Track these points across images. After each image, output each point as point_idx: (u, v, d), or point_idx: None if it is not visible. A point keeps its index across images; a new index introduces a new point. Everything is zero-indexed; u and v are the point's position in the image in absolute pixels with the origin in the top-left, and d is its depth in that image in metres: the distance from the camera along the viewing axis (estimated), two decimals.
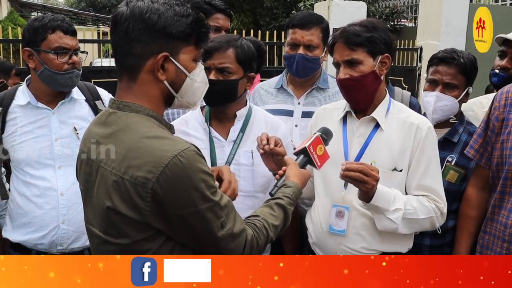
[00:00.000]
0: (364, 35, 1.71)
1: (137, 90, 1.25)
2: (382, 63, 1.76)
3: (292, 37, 2.31)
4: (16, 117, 1.98)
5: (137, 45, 1.20)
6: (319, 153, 1.62)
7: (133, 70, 1.23)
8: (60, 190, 1.96)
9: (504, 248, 1.84)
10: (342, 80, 1.75)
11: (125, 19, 1.20)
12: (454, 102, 2.11)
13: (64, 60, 1.92)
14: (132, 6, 1.21)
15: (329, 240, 1.82)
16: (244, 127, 1.90)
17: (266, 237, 1.34)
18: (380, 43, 1.73)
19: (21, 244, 1.98)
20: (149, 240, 1.19)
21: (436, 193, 1.77)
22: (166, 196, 1.14)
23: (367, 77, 1.73)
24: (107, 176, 1.20)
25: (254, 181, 1.86)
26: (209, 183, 1.19)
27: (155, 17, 1.19)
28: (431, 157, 1.77)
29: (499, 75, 2.29)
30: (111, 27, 1.24)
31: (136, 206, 1.15)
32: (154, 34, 1.20)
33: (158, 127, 1.23)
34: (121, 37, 1.21)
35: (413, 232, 1.81)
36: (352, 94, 1.78)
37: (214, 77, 1.80)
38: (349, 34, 1.72)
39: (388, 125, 1.80)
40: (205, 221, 1.19)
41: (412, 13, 9.69)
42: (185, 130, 1.89)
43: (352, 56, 1.72)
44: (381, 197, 1.65)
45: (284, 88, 2.40)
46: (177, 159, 1.13)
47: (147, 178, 1.13)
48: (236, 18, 10.32)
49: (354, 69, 1.73)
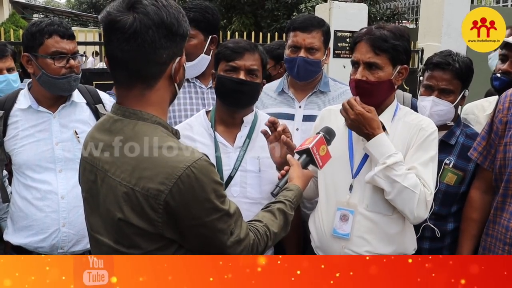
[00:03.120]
0: (390, 42, 1.69)
1: (152, 97, 1.21)
2: (399, 73, 1.75)
3: (293, 40, 2.30)
4: (18, 121, 1.98)
5: (163, 52, 1.16)
6: (322, 153, 1.62)
7: (153, 78, 1.19)
8: (60, 193, 1.97)
9: (505, 250, 1.84)
10: (358, 80, 1.72)
11: (147, 27, 1.12)
12: (450, 107, 2.10)
13: (62, 64, 1.92)
14: (146, 12, 1.13)
15: (332, 244, 1.81)
16: (251, 133, 1.90)
17: (266, 244, 1.34)
18: (402, 53, 1.72)
19: (22, 247, 1.98)
20: (162, 250, 1.18)
21: (426, 181, 1.71)
22: (179, 207, 1.13)
23: (383, 85, 1.72)
24: (116, 187, 1.17)
25: (261, 187, 1.85)
26: (220, 192, 1.19)
27: (175, 22, 1.17)
28: (428, 151, 1.74)
29: (500, 79, 2.27)
30: (123, 38, 1.13)
31: (148, 218, 1.14)
32: (175, 39, 1.18)
33: (167, 136, 1.21)
34: (145, 47, 1.13)
35: (396, 199, 1.70)
36: (363, 97, 1.75)
37: (244, 78, 1.81)
38: (376, 37, 1.70)
39: (393, 129, 1.79)
40: (216, 230, 1.19)
41: (413, 15, 9.69)
42: (190, 135, 1.88)
43: (374, 60, 1.70)
44: (376, 144, 1.69)
45: (285, 92, 2.40)
46: (189, 170, 1.12)
47: (159, 190, 1.11)
48: (237, 20, 10.34)
49: (373, 73, 1.71)
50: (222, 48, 1.87)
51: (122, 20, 1.12)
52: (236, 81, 1.81)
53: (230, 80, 1.81)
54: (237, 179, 1.85)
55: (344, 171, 1.81)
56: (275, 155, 1.75)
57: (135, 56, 1.15)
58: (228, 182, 1.83)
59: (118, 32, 1.13)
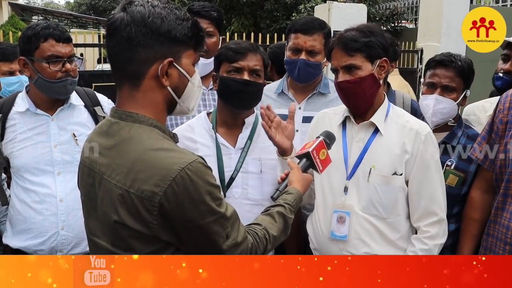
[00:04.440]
0: (361, 40, 1.70)
1: (140, 98, 1.21)
2: (380, 67, 1.75)
3: (294, 42, 2.30)
4: (16, 124, 1.98)
5: (141, 50, 1.17)
6: (322, 157, 1.62)
7: (136, 77, 1.20)
8: (59, 196, 1.96)
9: (506, 250, 1.84)
10: (340, 82, 1.74)
11: (126, 24, 1.16)
12: (453, 105, 2.10)
13: (57, 68, 1.91)
14: (131, 11, 1.17)
15: (331, 246, 1.81)
16: (252, 134, 1.89)
17: (265, 247, 1.34)
18: (377, 48, 1.72)
19: (21, 250, 1.97)
20: (158, 252, 1.17)
21: (435, 202, 1.77)
22: (173, 210, 1.12)
23: (365, 80, 1.72)
24: (111, 189, 1.17)
25: (262, 189, 1.85)
26: (216, 195, 1.18)
27: (159, 21, 1.17)
28: (430, 162, 1.76)
29: (502, 78, 2.27)
30: (108, 34, 1.20)
31: (144, 220, 1.13)
32: (158, 39, 1.18)
33: (163, 139, 1.20)
34: (122, 43, 1.17)
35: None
36: (350, 97, 1.77)
37: (248, 78, 1.80)
38: (346, 40, 1.71)
39: (387, 129, 1.79)
40: (211, 233, 1.18)
41: (412, 15, 9.69)
42: (191, 136, 1.87)
43: (350, 62, 1.72)
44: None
45: (285, 93, 2.39)
46: (184, 172, 1.11)
47: (154, 192, 1.11)
48: (237, 21, 10.34)
49: (353, 74, 1.72)
50: (223, 49, 1.85)
51: (111, 19, 1.19)
52: (240, 82, 1.79)
53: (235, 81, 1.80)
54: (239, 180, 1.84)
55: (339, 173, 1.81)
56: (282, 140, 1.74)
57: (115, 52, 1.20)
58: (230, 184, 1.83)
59: (106, 29, 1.22)
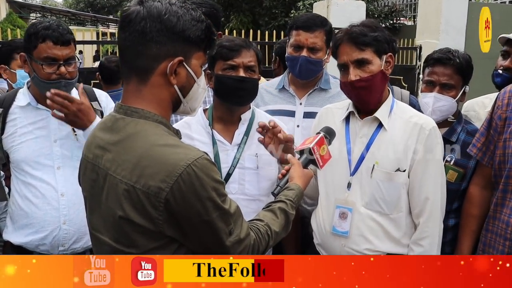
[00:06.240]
0: (371, 35, 1.71)
1: (146, 93, 1.21)
2: (387, 62, 1.76)
3: (296, 38, 2.29)
4: (16, 118, 1.98)
5: (153, 46, 1.17)
6: (322, 153, 1.62)
7: (145, 72, 1.20)
8: (60, 190, 1.96)
9: (506, 246, 1.84)
10: (354, 82, 1.72)
11: (141, 18, 1.15)
12: (452, 102, 2.11)
13: (51, 70, 1.89)
14: (148, 6, 1.16)
15: (333, 241, 1.81)
16: (248, 130, 1.90)
17: (267, 243, 1.34)
18: (384, 42, 1.73)
19: (23, 247, 1.97)
20: (162, 248, 1.18)
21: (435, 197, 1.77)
22: (179, 205, 1.13)
23: (377, 77, 1.72)
24: (116, 185, 1.17)
25: (259, 184, 1.86)
26: (221, 191, 1.19)
27: (174, 19, 1.17)
28: (432, 157, 1.76)
29: (502, 75, 2.27)
30: (121, 25, 1.19)
31: (149, 215, 1.14)
32: (172, 37, 1.17)
33: (168, 135, 1.21)
34: (136, 36, 1.16)
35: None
36: (363, 95, 1.75)
37: (244, 75, 1.80)
38: (356, 35, 1.71)
39: (391, 124, 1.79)
40: (215, 229, 1.18)
41: (411, 12, 9.71)
42: (188, 133, 1.87)
43: (362, 56, 1.71)
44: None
45: (286, 89, 2.40)
46: (190, 168, 1.11)
47: (160, 188, 1.11)
48: (235, 18, 10.34)
49: (364, 69, 1.71)
50: (217, 47, 1.85)
51: (126, 11, 1.19)
52: (237, 79, 1.80)
53: (231, 79, 1.80)
54: (235, 176, 1.85)
55: (342, 169, 1.81)
56: (277, 153, 1.75)
57: (126, 44, 1.19)
58: (227, 180, 1.84)
59: (120, 21, 1.21)
